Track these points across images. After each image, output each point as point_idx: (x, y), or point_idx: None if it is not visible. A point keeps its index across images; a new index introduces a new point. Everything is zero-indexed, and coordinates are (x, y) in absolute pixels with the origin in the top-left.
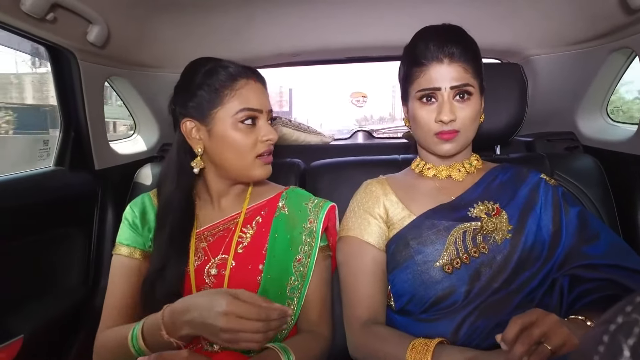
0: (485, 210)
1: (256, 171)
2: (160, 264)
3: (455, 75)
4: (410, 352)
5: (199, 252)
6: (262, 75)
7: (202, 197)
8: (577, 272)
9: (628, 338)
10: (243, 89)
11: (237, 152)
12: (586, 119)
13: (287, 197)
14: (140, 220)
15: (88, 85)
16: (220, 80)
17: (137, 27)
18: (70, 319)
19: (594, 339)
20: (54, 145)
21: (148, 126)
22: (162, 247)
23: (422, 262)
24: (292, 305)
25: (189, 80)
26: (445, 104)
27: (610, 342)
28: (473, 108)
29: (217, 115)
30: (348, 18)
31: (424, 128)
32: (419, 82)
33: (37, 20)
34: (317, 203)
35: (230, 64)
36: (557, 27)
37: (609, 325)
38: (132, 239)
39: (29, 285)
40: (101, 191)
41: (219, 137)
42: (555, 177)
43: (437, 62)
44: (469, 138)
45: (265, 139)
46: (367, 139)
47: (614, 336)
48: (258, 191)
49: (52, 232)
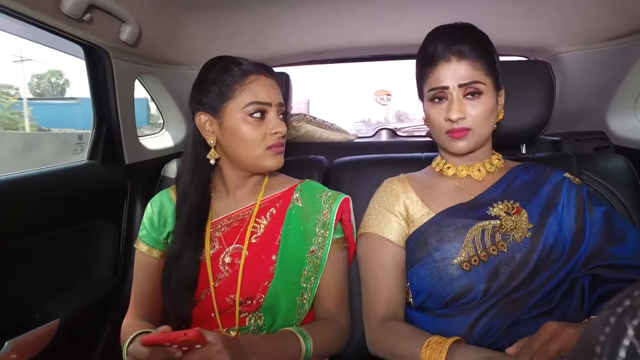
0: (505, 209)
1: (267, 161)
2: (177, 252)
3: (463, 74)
4: (426, 349)
5: (214, 241)
6: (275, 72)
7: (218, 188)
8: (600, 272)
9: (633, 319)
10: (253, 83)
11: (247, 144)
12: (618, 118)
13: (302, 190)
14: (157, 216)
15: (120, 83)
16: (231, 76)
17: (167, 27)
18: (101, 306)
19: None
20: (87, 140)
21: (176, 122)
22: (180, 235)
23: (440, 259)
24: (306, 294)
25: (204, 76)
26: (454, 102)
27: (616, 323)
28: (485, 105)
29: (227, 108)
30: (371, 16)
31: (436, 126)
32: (429, 82)
33: (75, 20)
34: (331, 195)
35: (243, 61)
36: (587, 23)
37: (616, 309)
38: (150, 238)
39: (63, 274)
40: (130, 185)
41: (230, 129)
42: (583, 177)
43: (445, 61)
44: (483, 136)
45: (274, 132)
46: (390, 137)
47: (620, 318)
48: (273, 184)
49: (84, 224)
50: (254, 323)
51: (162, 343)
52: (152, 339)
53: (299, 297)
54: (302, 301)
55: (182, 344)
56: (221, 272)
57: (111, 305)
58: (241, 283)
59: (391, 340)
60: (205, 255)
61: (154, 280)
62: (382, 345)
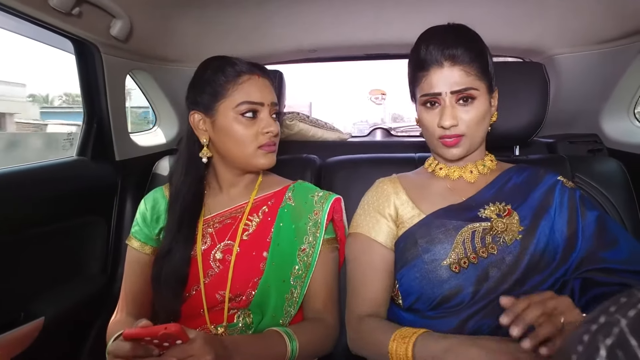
0: (497, 211)
1: (259, 160)
2: (168, 247)
3: (456, 80)
4: (392, 342)
5: (206, 237)
6: (268, 71)
7: (212, 186)
8: (591, 276)
9: (607, 338)
10: (245, 83)
11: (239, 143)
12: (611, 121)
13: (294, 190)
14: (150, 213)
15: (111, 78)
16: (224, 75)
17: (159, 22)
18: (89, 304)
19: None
20: (76, 137)
21: (168, 119)
22: (171, 230)
23: (429, 260)
24: (296, 293)
25: (198, 77)
26: (446, 108)
27: (590, 342)
28: (478, 110)
29: (220, 107)
30: (367, 15)
31: (429, 131)
32: (421, 86)
33: (63, 14)
34: (323, 195)
35: (237, 61)
36: (583, 25)
37: (591, 325)
38: (143, 235)
39: (50, 271)
40: (121, 181)
41: (222, 128)
42: (576, 180)
43: (437, 66)
44: (476, 140)
45: (266, 131)
46: (385, 137)
47: (594, 336)
48: (267, 183)
49: (73, 220)
50: (242, 320)
51: (143, 337)
52: (133, 332)
53: (288, 295)
54: (291, 299)
55: (162, 338)
56: (212, 268)
57: (100, 303)
58: (231, 279)
59: (365, 335)
60: (196, 251)
61: (145, 277)
62: (358, 342)
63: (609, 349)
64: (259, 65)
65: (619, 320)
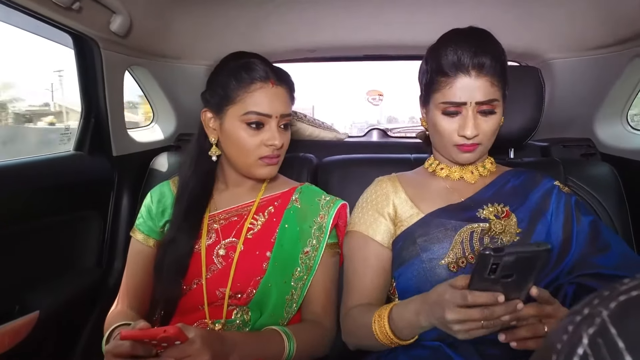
0: (495, 212)
1: (258, 170)
2: (173, 235)
3: (483, 91)
4: (374, 324)
5: (211, 232)
6: (287, 78)
7: (220, 182)
8: (584, 281)
9: (589, 327)
10: (257, 92)
11: (241, 150)
12: (604, 126)
13: (301, 192)
14: (156, 205)
15: (109, 74)
16: (237, 80)
17: (159, 18)
18: (85, 298)
19: (561, 329)
20: (74, 132)
21: (166, 116)
22: (176, 221)
23: (427, 259)
24: (295, 294)
25: (215, 74)
26: (469, 118)
27: (573, 331)
28: (496, 120)
29: (228, 111)
30: (366, 16)
31: (445, 138)
32: (443, 93)
33: (63, 9)
34: (330, 200)
35: (256, 64)
36: (578, 31)
37: (575, 317)
38: (147, 227)
39: (46, 265)
40: (118, 177)
41: (228, 132)
42: (568, 183)
43: (464, 74)
44: (489, 147)
45: (270, 144)
46: (381, 138)
47: (578, 326)
48: (274, 184)
49: (69, 215)
50: (240, 317)
51: (141, 339)
52: (131, 334)
53: (288, 296)
54: (290, 300)
55: (161, 340)
56: (214, 264)
57: (95, 297)
58: (233, 277)
59: (352, 322)
60: (201, 245)
61: (147, 269)
62: (348, 332)
63: (590, 337)
64: (277, 71)
65: (601, 312)
